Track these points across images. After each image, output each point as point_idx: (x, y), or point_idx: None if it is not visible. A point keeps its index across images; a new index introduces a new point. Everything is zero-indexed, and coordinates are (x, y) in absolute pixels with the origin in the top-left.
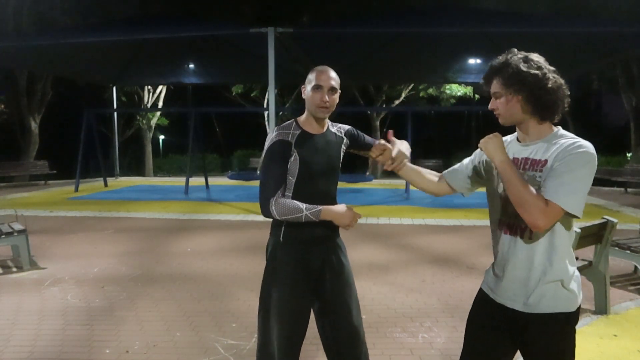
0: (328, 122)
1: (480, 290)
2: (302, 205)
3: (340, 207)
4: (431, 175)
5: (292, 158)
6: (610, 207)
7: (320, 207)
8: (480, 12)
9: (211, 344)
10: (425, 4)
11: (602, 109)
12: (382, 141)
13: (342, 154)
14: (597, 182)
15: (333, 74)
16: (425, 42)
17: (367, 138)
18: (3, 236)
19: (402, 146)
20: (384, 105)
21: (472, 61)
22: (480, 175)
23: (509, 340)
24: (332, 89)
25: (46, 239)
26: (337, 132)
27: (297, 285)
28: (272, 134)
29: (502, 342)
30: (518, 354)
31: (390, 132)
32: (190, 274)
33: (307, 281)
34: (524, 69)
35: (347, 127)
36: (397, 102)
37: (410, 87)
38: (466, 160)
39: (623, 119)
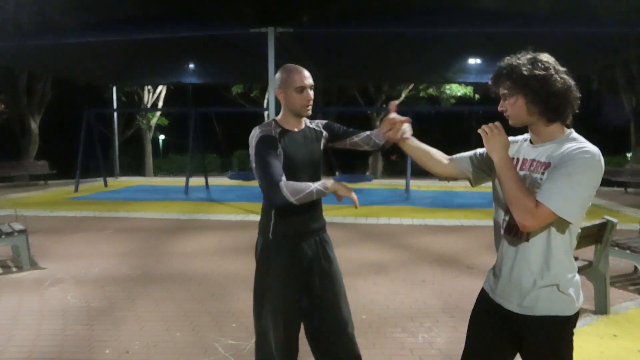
0: (305, 119)
1: (482, 290)
2: (309, 183)
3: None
4: (440, 155)
5: (278, 152)
6: (610, 207)
7: (325, 181)
8: (480, 12)
9: (211, 344)
10: (425, 4)
11: (602, 109)
12: (392, 115)
13: (322, 147)
14: None
15: (307, 72)
16: (425, 42)
17: (347, 128)
18: (3, 236)
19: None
20: (384, 105)
21: (472, 61)
22: (490, 168)
23: (508, 340)
24: (311, 87)
25: (46, 239)
26: (315, 127)
27: (289, 280)
28: (254, 132)
29: (502, 341)
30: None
31: (393, 104)
32: (190, 274)
33: (298, 276)
34: (530, 70)
35: (324, 121)
36: (397, 102)
37: (410, 87)
38: (479, 150)
39: (623, 119)
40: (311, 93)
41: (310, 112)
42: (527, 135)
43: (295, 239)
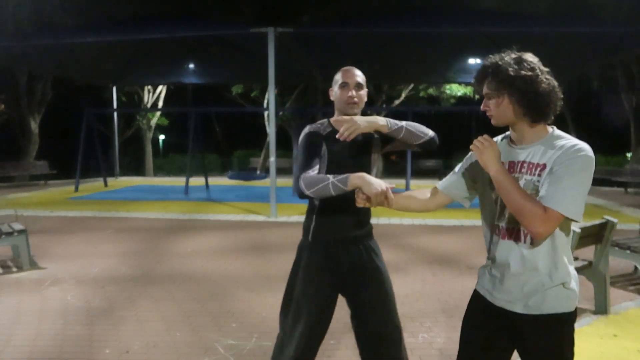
0: None
1: (476, 292)
2: (329, 175)
3: (372, 177)
4: (422, 194)
5: (322, 152)
6: (610, 207)
7: (349, 174)
8: (480, 12)
9: (211, 344)
10: (425, 4)
11: (602, 109)
12: (389, 188)
13: (373, 151)
14: (597, 182)
15: (358, 71)
16: (425, 42)
17: None
18: (3, 236)
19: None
20: (384, 105)
21: (472, 61)
22: (474, 180)
23: (506, 343)
24: (358, 85)
25: (46, 239)
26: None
27: (321, 285)
28: (305, 129)
29: (500, 344)
30: (515, 354)
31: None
32: (190, 274)
33: (332, 282)
34: (516, 70)
35: None
36: (397, 102)
37: (410, 87)
38: (457, 168)
39: (623, 119)
40: (358, 92)
41: (354, 110)
42: (505, 136)
43: (336, 244)
